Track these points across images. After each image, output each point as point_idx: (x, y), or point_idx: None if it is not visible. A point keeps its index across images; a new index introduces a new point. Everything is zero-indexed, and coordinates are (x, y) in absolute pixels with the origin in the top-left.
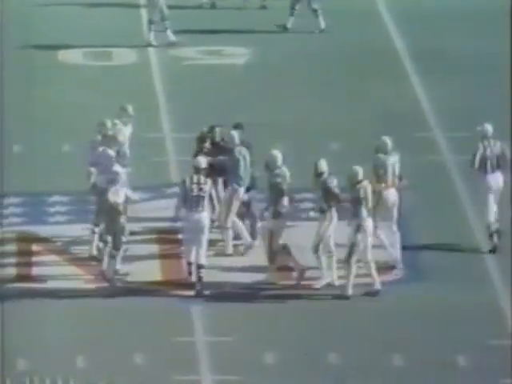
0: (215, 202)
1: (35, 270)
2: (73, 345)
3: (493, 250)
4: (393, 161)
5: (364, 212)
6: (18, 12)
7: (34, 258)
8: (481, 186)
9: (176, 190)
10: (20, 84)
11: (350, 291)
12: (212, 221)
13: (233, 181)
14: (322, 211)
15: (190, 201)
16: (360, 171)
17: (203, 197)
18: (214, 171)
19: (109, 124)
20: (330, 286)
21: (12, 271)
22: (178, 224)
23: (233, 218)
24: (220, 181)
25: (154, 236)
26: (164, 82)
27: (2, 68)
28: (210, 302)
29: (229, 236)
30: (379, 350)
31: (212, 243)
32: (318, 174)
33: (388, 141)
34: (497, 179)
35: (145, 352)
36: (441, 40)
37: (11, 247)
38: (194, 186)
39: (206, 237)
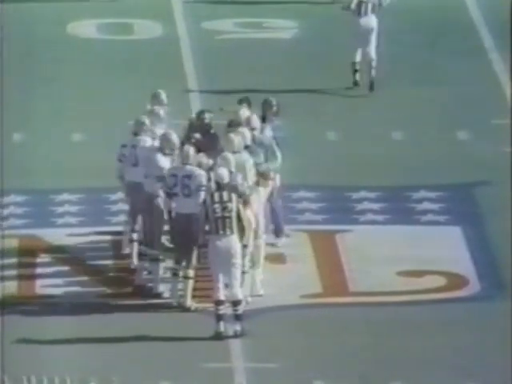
0: (245, 221)
1: (40, 284)
2: (87, 371)
3: (355, 83)
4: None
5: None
6: None
7: (39, 269)
8: (352, 28)
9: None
10: (21, 62)
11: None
12: (244, 245)
13: None
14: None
15: (215, 223)
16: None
17: (229, 217)
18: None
19: (162, 96)
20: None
21: (12, 285)
22: None
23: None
24: None
25: None
26: (195, 59)
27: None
28: (250, 322)
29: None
30: (454, 379)
31: None
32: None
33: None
34: (368, 21)
35: (173, 380)
36: None
37: (11, 255)
38: (217, 206)
39: (238, 266)
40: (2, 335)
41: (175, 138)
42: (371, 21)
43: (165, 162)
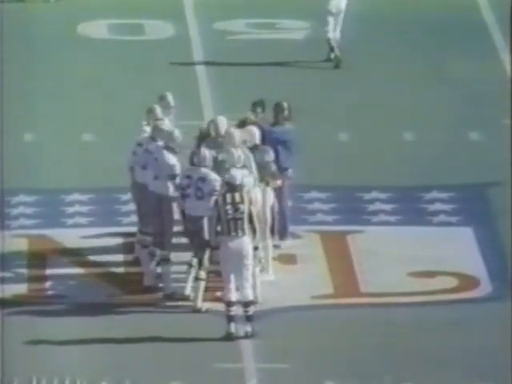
0: (256, 223)
1: (49, 284)
2: (98, 372)
3: (336, 65)
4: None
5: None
6: None
7: (49, 270)
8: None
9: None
10: (32, 63)
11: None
12: (255, 247)
13: None
14: None
15: (227, 225)
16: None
17: (241, 218)
18: None
19: (158, 111)
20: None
21: (21, 286)
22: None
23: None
24: None
25: None
26: (206, 60)
27: (3, 42)
28: (261, 322)
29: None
30: (465, 379)
31: None
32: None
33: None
34: (338, 3)
35: (184, 381)
36: None
37: (21, 255)
38: (229, 207)
39: (250, 267)
40: (2, 336)
41: (177, 133)
42: (340, 3)
43: (173, 160)
